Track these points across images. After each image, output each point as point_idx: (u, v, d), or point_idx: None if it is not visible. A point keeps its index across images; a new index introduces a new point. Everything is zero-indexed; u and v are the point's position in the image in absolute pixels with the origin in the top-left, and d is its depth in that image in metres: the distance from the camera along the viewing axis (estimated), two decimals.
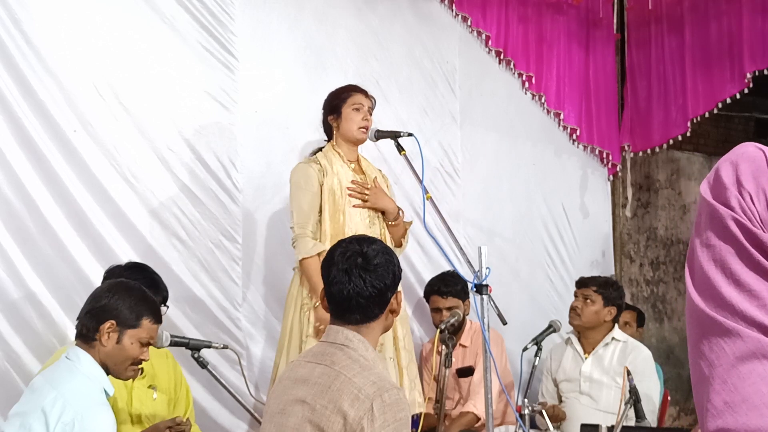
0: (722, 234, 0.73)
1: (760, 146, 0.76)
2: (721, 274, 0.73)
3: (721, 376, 0.71)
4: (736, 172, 0.74)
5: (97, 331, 2.45)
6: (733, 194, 0.73)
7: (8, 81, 3.32)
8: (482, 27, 5.06)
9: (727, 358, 0.71)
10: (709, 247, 0.74)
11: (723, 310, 0.72)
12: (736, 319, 0.71)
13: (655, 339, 6.14)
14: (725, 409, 0.70)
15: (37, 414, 2.27)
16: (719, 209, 0.74)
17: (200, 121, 3.86)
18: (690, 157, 6.60)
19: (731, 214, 0.73)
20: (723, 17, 5.30)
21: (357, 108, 3.50)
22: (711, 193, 0.76)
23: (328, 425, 1.98)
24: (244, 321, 3.92)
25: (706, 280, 0.74)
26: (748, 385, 0.69)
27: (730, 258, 0.72)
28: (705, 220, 0.76)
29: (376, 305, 2.13)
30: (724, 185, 0.74)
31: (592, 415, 3.87)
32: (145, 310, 2.52)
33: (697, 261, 0.75)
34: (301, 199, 3.42)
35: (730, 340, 0.71)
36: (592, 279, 4.23)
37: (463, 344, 4.16)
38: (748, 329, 0.70)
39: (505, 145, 5.22)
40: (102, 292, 2.53)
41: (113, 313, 2.46)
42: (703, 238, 0.75)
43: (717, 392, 0.71)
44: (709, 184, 0.76)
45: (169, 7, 3.79)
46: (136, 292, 2.55)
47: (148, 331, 2.52)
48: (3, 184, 3.29)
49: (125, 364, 2.49)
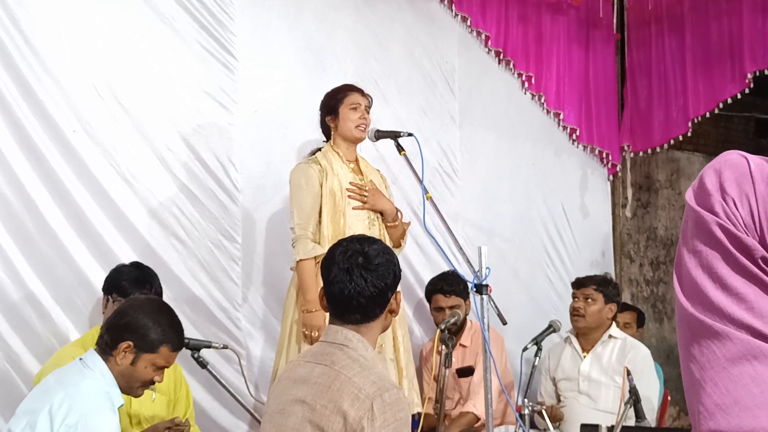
0: (708, 240, 0.74)
1: (743, 153, 0.78)
2: (708, 279, 0.74)
3: (712, 378, 0.72)
4: (720, 179, 0.76)
5: (115, 348, 2.39)
6: (717, 200, 0.75)
7: (7, 81, 3.32)
8: (482, 27, 5.05)
9: (718, 360, 0.71)
10: (696, 253, 0.75)
11: (712, 314, 0.73)
12: (725, 322, 0.72)
13: (655, 339, 6.14)
14: (717, 411, 0.70)
15: (44, 413, 2.27)
16: (704, 215, 0.75)
17: (200, 121, 3.86)
18: (690, 157, 6.60)
19: (716, 219, 0.74)
20: (723, 17, 5.30)
21: (354, 107, 3.51)
22: (696, 200, 0.77)
23: (328, 425, 1.97)
24: (244, 321, 3.92)
25: (694, 285, 0.75)
26: (740, 386, 0.70)
27: (717, 263, 0.73)
28: (691, 226, 0.77)
29: (376, 305, 2.13)
30: (708, 192, 0.76)
31: (591, 415, 3.86)
32: (166, 338, 2.43)
33: (685, 267, 0.76)
34: (302, 199, 3.42)
35: (720, 343, 0.72)
36: (590, 278, 4.23)
37: (463, 344, 4.16)
38: (737, 331, 0.71)
39: (505, 145, 5.22)
40: (129, 308, 2.44)
41: (133, 334, 2.39)
42: (689, 244, 0.76)
43: (708, 395, 0.71)
44: (694, 192, 0.78)
45: (168, 7, 3.79)
46: (163, 316, 2.46)
47: (166, 358, 2.45)
48: (3, 185, 3.29)
49: (136, 384, 2.45)
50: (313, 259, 3.31)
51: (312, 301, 3.26)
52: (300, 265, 3.35)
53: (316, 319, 3.25)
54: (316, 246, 3.35)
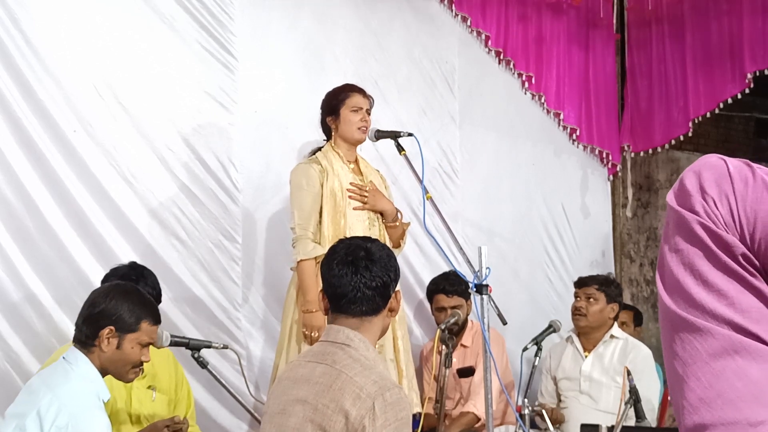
0: (689, 238, 0.76)
1: (722, 156, 0.80)
2: (690, 276, 0.75)
3: (695, 373, 0.73)
4: (699, 180, 0.77)
5: (96, 337, 2.42)
6: (698, 200, 0.76)
7: (8, 81, 3.32)
8: (482, 27, 5.05)
9: (700, 355, 0.73)
10: (678, 251, 0.77)
11: (694, 310, 0.74)
12: (707, 318, 0.73)
13: (655, 339, 6.14)
14: (701, 405, 0.72)
15: (32, 416, 2.26)
16: (685, 215, 0.77)
17: (200, 121, 3.86)
18: (690, 157, 6.59)
19: (696, 218, 0.76)
20: (723, 17, 5.30)
21: (355, 110, 3.51)
22: (677, 201, 0.79)
23: (329, 424, 1.98)
24: (244, 321, 3.92)
25: (676, 282, 0.76)
26: (722, 380, 0.71)
27: (698, 260, 0.75)
28: (672, 226, 0.79)
29: (381, 297, 2.16)
30: (689, 192, 0.77)
31: (592, 415, 3.86)
32: (143, 313, 2.48)
33: (667, 266, 0.78)
34: (303, 199, 3.42)
35: (702, 338, 0.73)
36: (592, 278, 4.23)
37: (464, 344, 4.16)
38: (719, 327, 0.72)
39: (505, 145, 5.22)
40: (99, 297, 2.48)
41: (112, 319, 2.42)
42: (671, 243, 0.78)
43: (692, 389, 0.72)
44: (675, 193, 0.80)
45: (168, 7, 3.79)
46: (133, 295, 2.51)
47: (148, 333, 2.49)
48: (3, 184, 3.29)
49: (126, 367, 2.47)
50: (313, 259, 3.31)
51: (312, 302, 3.26)
52: (300, 265, 3.35)
53: (317, 320, 3.25)
54: (317, 246, 3.35)
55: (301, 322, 3.35)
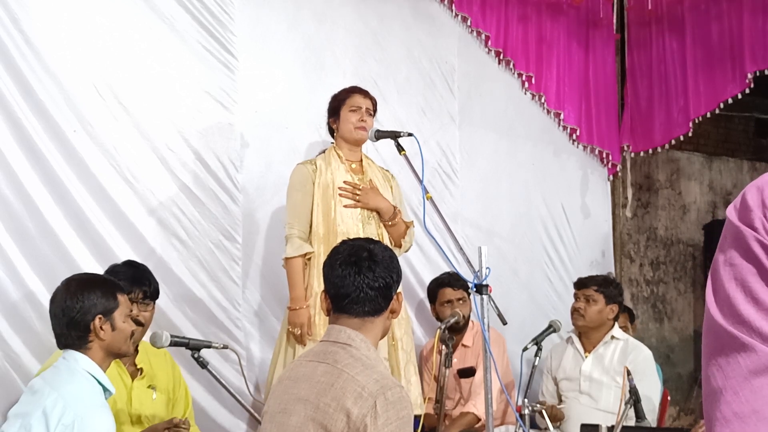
0: (745, 254, 0.76)
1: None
2: (741, 292, 0.75)
3: (733, 387, 0.73)
4: (762, 196, 0.77)
5: (89, 332, 2.44)
6: (758, 216, 0.76)
7: (8, 81, 3.32)
8: (482, 27, 5.05)
9: (741, 371, 0.73)
10: (732, 266, 0.77)
11: (740, 326, 0.74)
12: (753, 335, 0.73)
13: (655, 339, 6.14)
14: (734, 419, 0.72)
15: (37, 415, 2.27)
16: (744, 230, 0.77)
17: (200, 121, 3.86)
18: (690, 157, 6.60)
19: (755, 235, 0.76)
20: (723, 17, 5.30)
21: (354, 109, 3.54)
22: (737, 215, 0.79)
23: (331, 423, 1.98)
24: (244, 321, 3.92)
25: (726, 297, 0.76)
26: (760, 398, 0.71)
27: (751, 277, 0.75)
28: (729, 239, 0.79)
29: (383, 298, 2.16)
30: (750, 208, 0.77)
31: (592, 415, 3.86)
32: (111, 289, 2.54)
33: (719, 278, 0.78)
34: (294, 198, 3.49)
35: (746, 354, 0.73)
36: (591, 279, 4.23)
37: (465, 344, 4.16)
38: (763, 345, 0.72)
39: (505, 146, 5.22)
40: (67, 302, 2.48)
41: (93, 310, 2.46)
42: (726, 256, 0.78)
43: (728, 403, 0.73)
44: (735, 207, 0.80)
45: (168, 7, 3.79)
46: (92, 281, 2.58)
47: (126, 302, 2.57)
48: (3, 184, 3.29)
49: (127, 342, 2.54)
50: (301, 257, 3.36)
51: (296, 299, 3.33)
52: (288, 262, 3.41)
53: (300, 317, 3.33)
54: (304, 244, 3.41)
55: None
